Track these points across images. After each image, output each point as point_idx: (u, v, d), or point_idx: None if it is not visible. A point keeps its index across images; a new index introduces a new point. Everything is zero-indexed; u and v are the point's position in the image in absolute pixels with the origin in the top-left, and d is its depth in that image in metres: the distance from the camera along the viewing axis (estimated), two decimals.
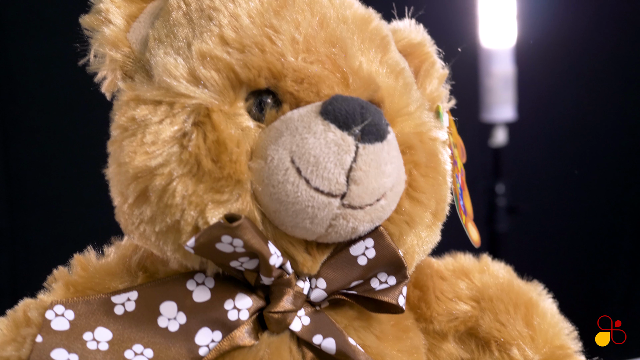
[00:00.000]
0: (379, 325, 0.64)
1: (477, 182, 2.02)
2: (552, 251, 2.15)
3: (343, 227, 0.57)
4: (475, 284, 0.70)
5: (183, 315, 0.58)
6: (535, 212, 2.13)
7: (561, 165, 2.16)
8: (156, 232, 0.58)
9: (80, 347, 0.57)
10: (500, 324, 0.68)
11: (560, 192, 2.18)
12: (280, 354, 0.59)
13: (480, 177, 2.04)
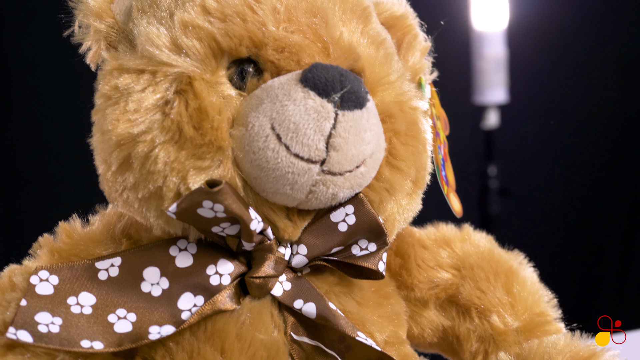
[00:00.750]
0: (360, 292, 0.65)
1: (469, 165, 2.03)
2: (544, 233, 2.16)
3: (323, 193, 0.58)
4: (457, 253, 0.71)
5: (166, 280, 0.59)
6: (527, 194, 2.14)
7: (553, 147, 2.17)
8: (139, 199, 0.59)
9: (64, 311, 0.58)
10: (480, 291, 0.70)
11: (552, 174, 2.19)
12: (261, 318, 0.60)
13: (472, 159, 2.05)
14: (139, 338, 0.58)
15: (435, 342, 0.72)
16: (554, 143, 2.17)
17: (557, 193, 2.19)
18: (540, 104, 2.15)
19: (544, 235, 2.15)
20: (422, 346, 0.73)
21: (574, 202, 2.20)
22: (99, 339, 0.57)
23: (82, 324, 0.57)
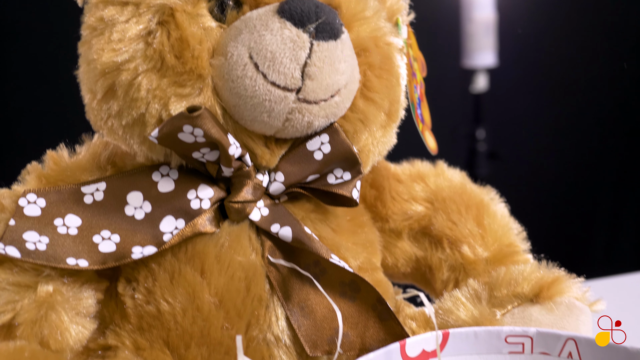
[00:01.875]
0: (335, 220, 0.67)
1: (458, 128, 2.05)
2: (532, 196, 2.19)
3: (299, 121, 0.61)
4: (430, 187, 0.74)
5: (148, 204, 0.62)
6: (515, 157, 2.17)
7: (541, 111, 2.19)
8: (123, 126, 0.61)
9: (50, 231, 0.60)
10: (452, 222, 0.72)
11: (540, 137, 2.21)
12: (240, 241, 0.63)
13: (461, 122, 2.07)
14: (122, 257, 0.60)
15: (408, 272, 0.75)
16: (542, 106, 2.19)
17: (545, 156, 2.22)
18: (529, 68, 2.17)
19: (532, 198, 2.18)
20: (396, 276, 0.75)
21: (562, 165, 2.23)
22: (84, 257, 0.60)
23: (67, 243, 0.60)
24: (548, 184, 2.24)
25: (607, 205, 2.28)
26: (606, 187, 2.26)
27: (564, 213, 2.26)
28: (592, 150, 2.24)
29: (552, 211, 2.24)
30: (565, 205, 2.26)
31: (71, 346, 0.60)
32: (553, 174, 2.23)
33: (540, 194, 2.22)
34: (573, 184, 2.25)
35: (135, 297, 0.62)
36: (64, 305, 0.60)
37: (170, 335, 0.62)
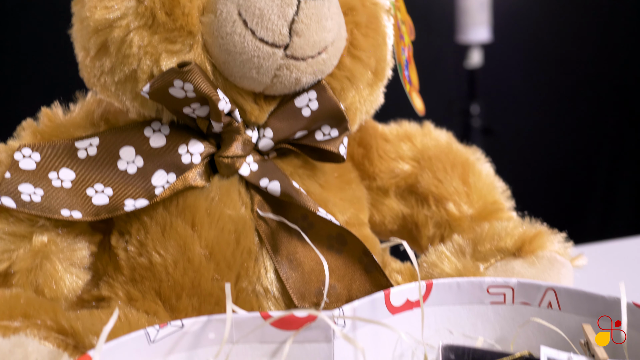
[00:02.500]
0: (323, 176, 0.69)
1: (452, 103, 2.07)
2: (526, 171, 2.21)
3: (287, 77, 0.62)
4: (417, 146, 0.76)
5: (141, 158, 0.64)
6: (509, 133, 2.18)
7: (535, 86, 2.20)
8: (115, 82, 0.63)
9: (45, 184, 0.62)
10: (438, 180, 0.74)
11: (534, 112, 2.23)
12: (230, 195, 0.64)
13: (455, 98, 2.09)
14: (115, 209, 0.62)
15: (395, 229, 0.76)
16: (536, 82, 2.21)
17: (539, 132, 2.24)
18: (524, 44, 2.19)
19: (526, 174, 2.20)
20: (384, 234, 0.77)
21: (556, 140, 2.24)
22: (78, 209, 0.62)
23: (62, 196, 0.62)
24: (542, 159, 2.26)
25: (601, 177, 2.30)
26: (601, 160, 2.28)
27: (559, 186, 2.28)
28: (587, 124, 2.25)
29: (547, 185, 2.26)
30: (560, 179, 2.28)
31: (65, 295, 0.62)
32: (547, 148, 2.25)
33: (534, 168, 2.24)
34: (567, 157, 2.26)
35: (128, 249, 0.64)
36: (59, 255, 0.62)
37: (162, 286, 0.63)
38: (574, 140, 2.25)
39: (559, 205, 2.26)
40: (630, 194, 2.29)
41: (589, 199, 2.29)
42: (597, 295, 0.60)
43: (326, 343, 0.58)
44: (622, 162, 2.28)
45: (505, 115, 2.19)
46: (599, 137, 2.26)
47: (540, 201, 2.14)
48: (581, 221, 2.29)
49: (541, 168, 2.26)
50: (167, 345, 0.56)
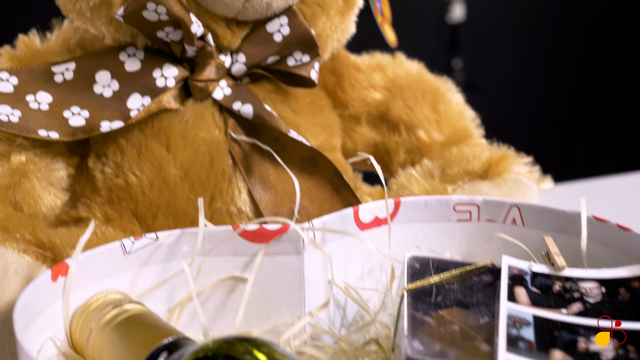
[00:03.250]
0: (296, 102, 0.71)
1: (435, 58, 2.08)
2: (508, 127, 2.23)
3: (258, 2, 0.64)
4: (388, 76, 0.77)
5: (116, 82, 0.65)
6: (491, 87, 2.20)
7: (518, 40, 2.22)
8: (90, 7, 0.64)
9: (23, 106, 0.64)
10: (408, 108, 0.76)
11: (516, 67, 2.24)
12: (203, 118, 0.66)
13: (438, 52, 2.10)
14: (91, 130, 0.64)
15: None
16: (519, 36, 2.22)
17: (521, 87, 2.25)
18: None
19: (510, 130, 2.22)
20: (357, 163, 0.79)
21: (538, 96, 2.26)
22: (55, 129, 0.63)
23: (39, 117, 0.63)
24: (526, 114, 2.28)
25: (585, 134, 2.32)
26: (584, 117, 2.30)
27: (544, 139, 2.29)
28: (570, 80, 2.27)
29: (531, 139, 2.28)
30: (545, 132, 2.29)
31: (44, 213, 0.64)
32: (531, 103, 2.26)
33: (518, 123, 2.26)
34: (551, 111, 2.28)
35: (105, 171, 0.66)
36: (37, 174, 0.63)
37: (138, 207, 0.65)
38: (558, 94, 2.27)
39: (544, 158, 2.28)
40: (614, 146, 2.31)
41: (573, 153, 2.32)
42: (559, 211, 0.62)
43: (296, 255, 0.60)
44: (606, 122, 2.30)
45: (488, 70, 2.20)
46: (583, 91, 2.28)
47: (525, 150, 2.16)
48: (567, 174, 2.31)
49: (525, 122, 2.28)
50: (142, 257, 0.58)
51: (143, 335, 0.52)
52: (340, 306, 0.63)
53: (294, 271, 0.60)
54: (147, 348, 0.50)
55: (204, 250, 0.59)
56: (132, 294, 0.57)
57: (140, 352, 0.51)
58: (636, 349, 0.48)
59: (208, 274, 0.60)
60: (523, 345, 0.48)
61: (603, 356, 0.48)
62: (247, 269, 0.60)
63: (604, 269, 0.57)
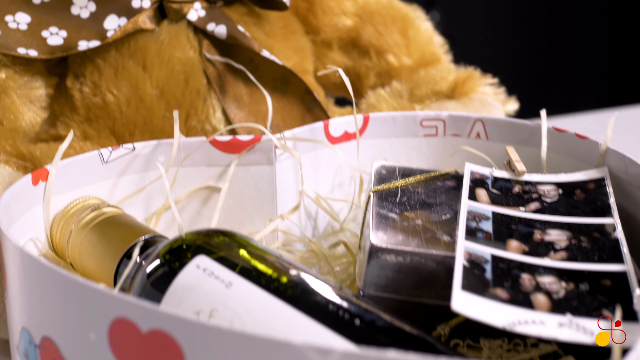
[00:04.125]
0: (268, 25, 0.73)
1: None
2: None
3: None
4: (359, 3, 0.80)
5: (93, 4, 0.67)
6: (470, 40, 2.21)
7: None
8: None
9: (2, 26, 0.65)
10: (378, 33, 0.78)
11: (494, 20, 2.26)
12: (178, 39, 0.68)
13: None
14: (69, 49, 0.65)
15: (339, 81, 0.80)
16: None
17: (499, 39, 2.27)
18: None
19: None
20: (328, 87, 0.81)
21: (517, 49, 2.28)
22: (34, 48, 0.65)
23: (18, 36, 0.65)
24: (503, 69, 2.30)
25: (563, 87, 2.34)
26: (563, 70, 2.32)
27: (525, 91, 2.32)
28: (549, 33, 2.29)
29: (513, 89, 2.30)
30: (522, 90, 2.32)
31: (24, 129, 0.65)
32: (508, 57, 2.28)
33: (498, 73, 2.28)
34: (528, 68, 2.30)
35: (83, 90, 0.68)
36: (16, 90, 0.65)
37: (115, 124, 0.67)
38: (534, 48, 2.29)
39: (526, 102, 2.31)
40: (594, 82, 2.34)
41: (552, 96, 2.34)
42: (521, 123, 0.65)
43: (268, 165, 0.62)
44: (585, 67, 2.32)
45: (466, 23, 2.22)
46: (562, 43, 2.30)
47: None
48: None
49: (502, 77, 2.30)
50: (119, 166, 0.60)
51: (121, 234, 0.54)
52: (312, 217, 0.65)
53: (266, 181, 0.62)
54: (125, 245, 0.53)
55: (179, 159, 0.61)
56: (110, 202, 0.60)
57: (118, 249, 0.53)
58: (588, 239, 0.51)
59: (183, 185, 0.62)
60: (481, 235, 0.51)
61: (557, 245, 0.50)
62: (221, 179, 0.62)
63: (561, 174, 0.59)
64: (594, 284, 0.46)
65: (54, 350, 0.43)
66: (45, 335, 0.43)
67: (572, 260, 0.49)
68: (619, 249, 0.49)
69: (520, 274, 0.47)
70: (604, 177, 0.58)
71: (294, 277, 0.46)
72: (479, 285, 0.45)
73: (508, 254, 0.49)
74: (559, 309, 0.44)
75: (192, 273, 0.46)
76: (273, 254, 0.49)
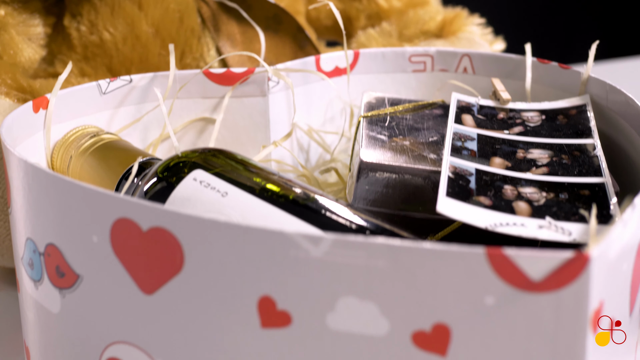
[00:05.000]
0: None
1: None
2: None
3: None
4: None
5: None
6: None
7: None
8: None
9: None
10: None
11: None
12: None
13: None
14: None
15: (330, 25, 0.82)
16: None
17: None
18: None
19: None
20: (320, 31, 0.83)
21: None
22: None
23: None
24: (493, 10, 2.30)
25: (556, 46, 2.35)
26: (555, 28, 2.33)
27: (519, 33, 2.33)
28: None
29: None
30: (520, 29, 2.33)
31: (23, 65, 0.67)
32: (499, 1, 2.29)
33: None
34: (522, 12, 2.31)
35: (80, 29, 0.69)
36: (16, 27, 0.67)
37: (112, 62, 0.69)
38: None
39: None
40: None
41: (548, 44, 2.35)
42: (506, 57, 0.67)
43: (262, 97, 0.64)
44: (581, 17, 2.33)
45: None
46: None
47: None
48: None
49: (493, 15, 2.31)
50: (117, 97, 0.62)
51: (119, 157, 0.56)
52: (304, 149, 0.68)
53: (259, 112, 0.64)
54: (123, 167, 0.55)
55: (175, 90, 0.63)
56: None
57: (117, 171, 0.55)
58: (569, 157, 0.53)
59: (179, 116, 0.64)
60: (466, 152, 0.53)
61: (539, 162, 0.53)
62: (215, 111, 0.64)
63: (545, 102, 0.61)
64: (573, 193, 0.48)
65: (57, 256, 0.45)
66: (50, 242, 0.45)
67: (553, 175, 0.51)
68: (599, 165, 0.52)
69: (503, 185, 0.49)
70: (586, 104, 0.60)
71: (287, 187, 0.48)
72: (463, 193, 0.47)
73: (492, 169, 0.51)
74: (539, 214, 0.46)
75: (189, 185, 0.48)
76: (268, 169, 0.51)
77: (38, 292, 0.47)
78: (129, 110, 0.63)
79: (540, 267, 0.35)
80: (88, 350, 0.45)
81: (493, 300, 0.36)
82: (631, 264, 0.41)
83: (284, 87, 0.65)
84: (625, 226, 0.38)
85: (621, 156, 0.57)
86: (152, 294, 0.42)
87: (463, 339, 0.37)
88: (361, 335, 0.38)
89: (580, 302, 0.35)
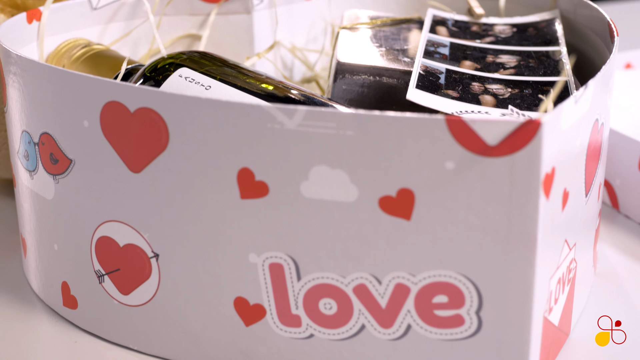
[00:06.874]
0: None
1: None
2: None
3: None
4: None
5: None
6: None
7: None
8: None
9: None
10: None
11: None
12: None
13: None
14: None
15: None
16: None
17: None
18: None
19: None
20: None
21: None
22: None
23: None
24: None
25: None
26: None
27: None
28: None
29: None
30: None
31: None
32: None
33: None
34: None
35: None
36: None
37: None
38: None
39: None
40: None
41: None
42: None
43: (246, 14, 0.67)
44: None
45: None
46: None
47: None
48: None
49: None
50: (107, 13, 0.64)
51: (109, 63, 0.59)
52: (287, 67, 0.70)
53: (244, 29, 0.67)
54: (114, 73, 0.58)
55: (162, 6, 0.65)
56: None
57: (107, 77, 0.58)
58: (535, 61, 0.56)
59: (167, 33, 0.67)
60: (438, 56, 0.56)
61: (507, 65, 0.55)
62: (202, 28, 0.67)
63: (516, 17, 0.64)
64: (537, 89, 0.51)
65: (51, 144, 0.48)
66: (43, 131, 0.48)
67: (519, 75, 0.54)
68: (563, 67, 0.55)
69: (471, 82, 0.52)
70: (555, 17, 0.63)
71: (268, 80, 0.51)
72: (432, 87, 0.50)
73: (461, 69, 0.54)
74: (503, 105, 0.49)
75: (175, 81, 0.51)
76: (251, 69, 0.54)
77: (33, 181, 0.50)
78: (119, 26, 0.65)
79: (495, 132, 0.38)
80: (81, 231, 0.48)
81: (453, 165, 0.39)
82: (585, 143, 0.45)
83: (267, 5, 0.67)
84: (576, 102, 0.41)
85: (587, 64, 0.60)
86: (139, 172, 0.45)
87: (426, 203, 0.40)
88: (333, 201, 0.41)
89: (532, 165, 0.38)
